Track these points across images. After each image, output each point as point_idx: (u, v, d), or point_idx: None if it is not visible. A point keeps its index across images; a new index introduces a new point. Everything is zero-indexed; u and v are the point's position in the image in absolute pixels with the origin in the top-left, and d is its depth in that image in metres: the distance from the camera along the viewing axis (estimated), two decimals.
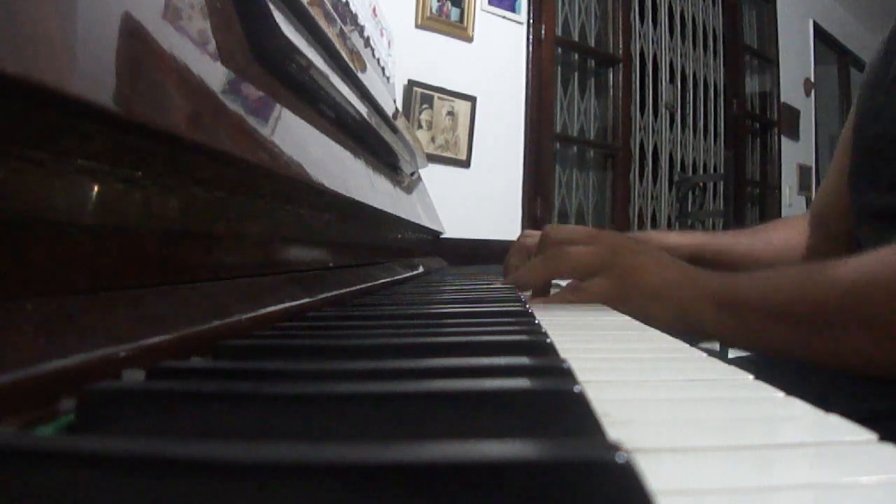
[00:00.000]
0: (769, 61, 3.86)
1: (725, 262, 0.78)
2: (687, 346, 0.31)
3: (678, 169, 3.22)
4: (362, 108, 0.72)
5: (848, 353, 0.46)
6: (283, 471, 0.11)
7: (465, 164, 2.33)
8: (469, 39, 2.35)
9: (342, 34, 0.73)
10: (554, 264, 0.57)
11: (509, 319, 0.38)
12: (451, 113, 2.28)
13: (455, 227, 1.45)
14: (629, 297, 0.52)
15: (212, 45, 0.35)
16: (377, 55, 1.05)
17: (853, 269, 0.46)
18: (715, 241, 0.81)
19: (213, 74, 0.34)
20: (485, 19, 2.40)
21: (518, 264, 0.72)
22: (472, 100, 2.33)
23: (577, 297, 0.54)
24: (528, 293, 0.61)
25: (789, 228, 0.83)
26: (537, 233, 0.65)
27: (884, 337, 0.44)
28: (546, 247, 0.58)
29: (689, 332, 0.52)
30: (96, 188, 0.24)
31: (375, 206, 0.65)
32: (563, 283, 0.60)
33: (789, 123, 3.96)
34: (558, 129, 2.75)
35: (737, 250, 0.79)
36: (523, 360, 0.23)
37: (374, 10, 1.08)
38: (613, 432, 0.17)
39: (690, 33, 3.30)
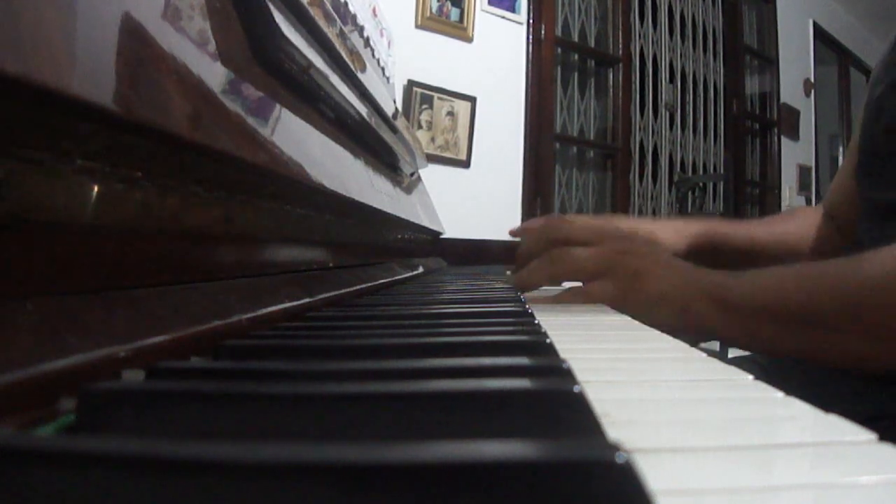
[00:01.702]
0: (769, 61, 3.86)
1: (736, 250, 0.78)
2: (687, 346, 0.31)
3: (678, 169, 3.22)
4: (362, 109, 0.72)
5: (844, 352, 0.46)
6: (283, 471, 0.11)
7: (465, 164, 2.33)
8: (469, 39, 2.35)
9: (342, 34, 0.73)
10: (556, 268, 0.56)
11: (509, 319, 0.38)
12: (450, 113, 2.28)
13: (455, 227, 1.45)
14: (632, 301, 0.52)
15: (212, 46, 0.35)
16: (377, 55, 1.05)
17: (849, 269, 0.46)
18: (726, 228, 0.81)
19: (213, 75, 0.34)
20: (485, 19, 2.40)
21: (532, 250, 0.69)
22: (471, 100, 2.33)
23: (578, 299, 0.54)
24: (529, 293, 0.61)
25: (803, 219, 0.83)
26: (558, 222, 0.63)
27: (877, 337, 0.44)
28: (549, 247, 0.58)
29: (692, 333, 0.52)
30: (96, 188, 0.24)
31: (375, 206, 0.65)
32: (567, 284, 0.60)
33: (789, 124, 3.96)
34: (558, 129, 2.75)
35: (748, 239, 0.79)
36: (523, 361, 0.23)
37: (373, 10, 1.08)
38: (613, 432, 0.17)
39: (690, 33, 3.30)
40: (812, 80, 4.20)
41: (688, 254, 0.78)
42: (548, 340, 0.28)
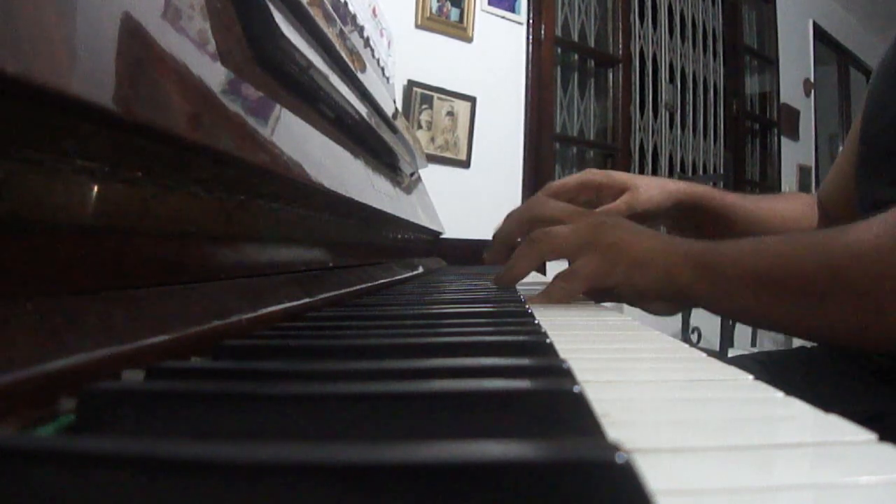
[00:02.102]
0: (769, 62, 3.86)
1: (720, 215, 0.77)
2: (686, 346, 0.31)
3: (678, 169, 3.22)
4: (362, 109, 0.72)
5: (828, 322, 0.45)
6: (283, 471, 0.11)
7: (465, 164, 2.33)
8: (469, 39, 2.35)
9: (342, 34, 0.73)
10: (538, 248, 0.57)
11: (509, 319, 0.38)
12: (450, 113, 2.28)
13: (455, 227, 1.45)
14: (615, 267, 0.52)
15: (212, 46, 0.35)
16: (377, 55, 1.05)
17: (835, 237, 0.46)
18: (713, 192, 0.80)
19: (213, 75, 0.34)
20: (485, 19, 2.40)
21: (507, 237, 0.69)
22: (471, 100, 2.33)
23: (568, 281, 0.54)
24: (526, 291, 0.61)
25: (795, 202, 0.82)
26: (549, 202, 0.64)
27: (861, 308, 0.43)
28: (529, 227, 0.59)
29: (674, 298, 0.52)
30: (96, 188, 0.24)
31: (375, 206, 0.65)
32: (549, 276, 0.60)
33: (789, 124, 3.96)
34: (558, 129, 2.75)
35: (734, 206, 0.78)
36: (523, 361, 0.23)
37: (373, 10, 1.08)
38: (613, 432, 0.17)
39: (690, 33, 3.30)
40: (812, 80, 4.20)
41: (672, 210, 0.77)
42: (548, 340, 0.28)
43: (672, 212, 0.77)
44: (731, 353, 1.39)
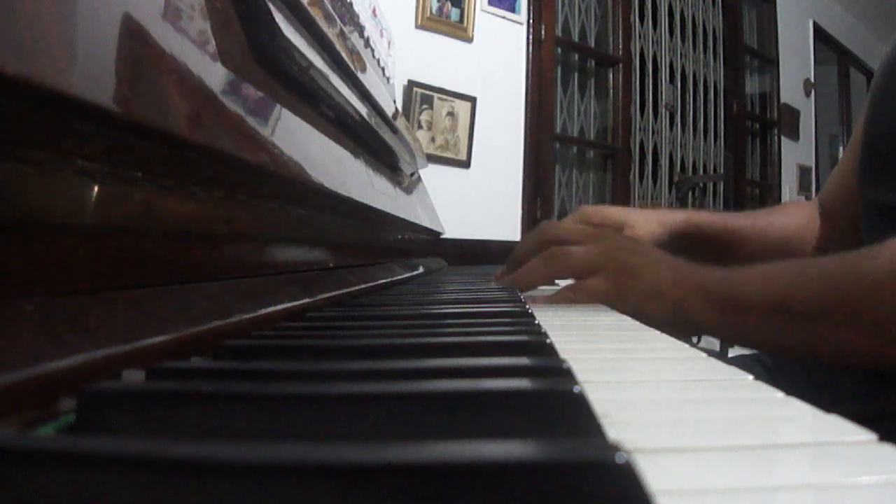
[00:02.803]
0: (769, 61, 3.86)
1: (718, 240, 0.78)
2: (686, 346, 0.31)
3: (678, 169, 3.22)
4: (362, 109, 0.72)
5: (837, 347, 0.46)
6: (283, 471, 0.11)
7: (465, 164, 2.33)
8: (469, 40, 2.35)
9: (342, 34, 0.73)
10: (553, 264, 0.57)
11: (509, 320, 0.38)
12: (450, 113, 2.28)
13: (455, 227, 1.45)
14: (626, 295, 0.53)
15: (212, 46, 0.35)
16: (377, 55, 1.05)
17: (843, 264, 0.46)
18: (708, 217, 0.80)
19: (213, 75, 0.34)
20: (485, 19, 2.40)
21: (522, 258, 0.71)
22: (472, 100, 2.33)
23: (576, 295, 0.55)
24: (528, 293, 0.61)
25: (793, 213, 0.82)
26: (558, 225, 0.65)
27: (872, 331, 0.44)
28: (544, 247, 0.59)
29: (686, 328, 0.53)
30: (96, 188, 0.24)
31: (375, 206, 0.65)
32: (563, 282, 0.61)
33: (789, 124, 3.96)
34: (558, 129, 2.75)
35: (730, 229, 0.78)
36: (523, 361, 0.23)
37: (374, 10, 1.08)
38: (613, 432, 0.17)
39: (690, 33, 3.30)
40: (812, 80, 4.20)
41: (670, 243, 0.77)
42: (548, 341, 0.28)
43: (671, 241, 0.77)
44: (731, 353, 1.39)
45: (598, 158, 2.98)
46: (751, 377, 0.23)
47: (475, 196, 2.30)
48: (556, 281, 0.63)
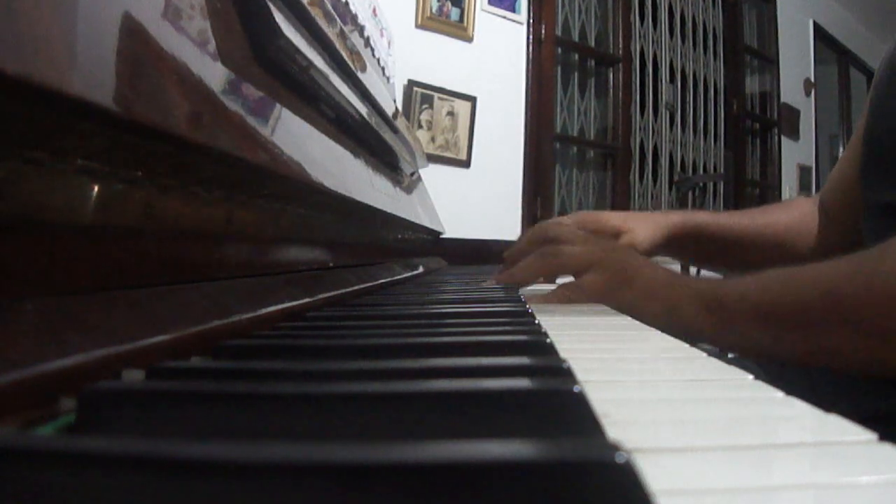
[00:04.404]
0: (769, 61, 3.85)
1: (716, 240, 0.78)
2: (687, 346, 0.31)
3: (678, 169, 3.22)
4: (362, 108, 0.72)
5: (829, 352, 0.46)
6: (283, 471, 0.11)
7: (465, 164, 2.33)
8: (469, 39, 2.34)
9: (342, 34, 0.73)
10: (548, 262, 0.58)
11: (509, 319, 0.38)
12: (451, 113, 2.28)
13: (455, 227, 1.45)
14: (622, 293, 0.53)
15: (212, 46, 0.35)
16: (377, 55, 1.05)
17: (834, 269, 0.46)
18: (705, 217, 0.80)
19: (214, 74, 0.34)
20: (485, 19, 2.40)
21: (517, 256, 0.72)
22: (472, 100, 2.33)
23: (572, 291, 0.55)
24: (523, 290, 0.61)
25: (793, 210, 0.82)
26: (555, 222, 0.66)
27: (864, 335, 0.44)
28: (539, 245, 0.59)
29: (679, 333, 0.53)
30: (96, 188, 0.24)
31: (375, 206, 0.65)
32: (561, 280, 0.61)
33: (789, 123, 3.96)
34: (558, 129, 2.75)
35: (728, 228, 0.79)
36: (523, 360, 0.23)
37: (374, 10, 1.08)
38: (613, 432, 0.17)
39: (690, 33, 3.29)
40: (812, 79, 4.20)
41: (668, 244, 0.78)
42: (548, 340, 0.28)
43: (670, 243, 0.78)
44: (731, 353, 1.39)
45: (598, 158, 2.98)
46: (751, 377, 0.23)
47: (475, 196, 2.29)
48: (556, 281, 0.64)
